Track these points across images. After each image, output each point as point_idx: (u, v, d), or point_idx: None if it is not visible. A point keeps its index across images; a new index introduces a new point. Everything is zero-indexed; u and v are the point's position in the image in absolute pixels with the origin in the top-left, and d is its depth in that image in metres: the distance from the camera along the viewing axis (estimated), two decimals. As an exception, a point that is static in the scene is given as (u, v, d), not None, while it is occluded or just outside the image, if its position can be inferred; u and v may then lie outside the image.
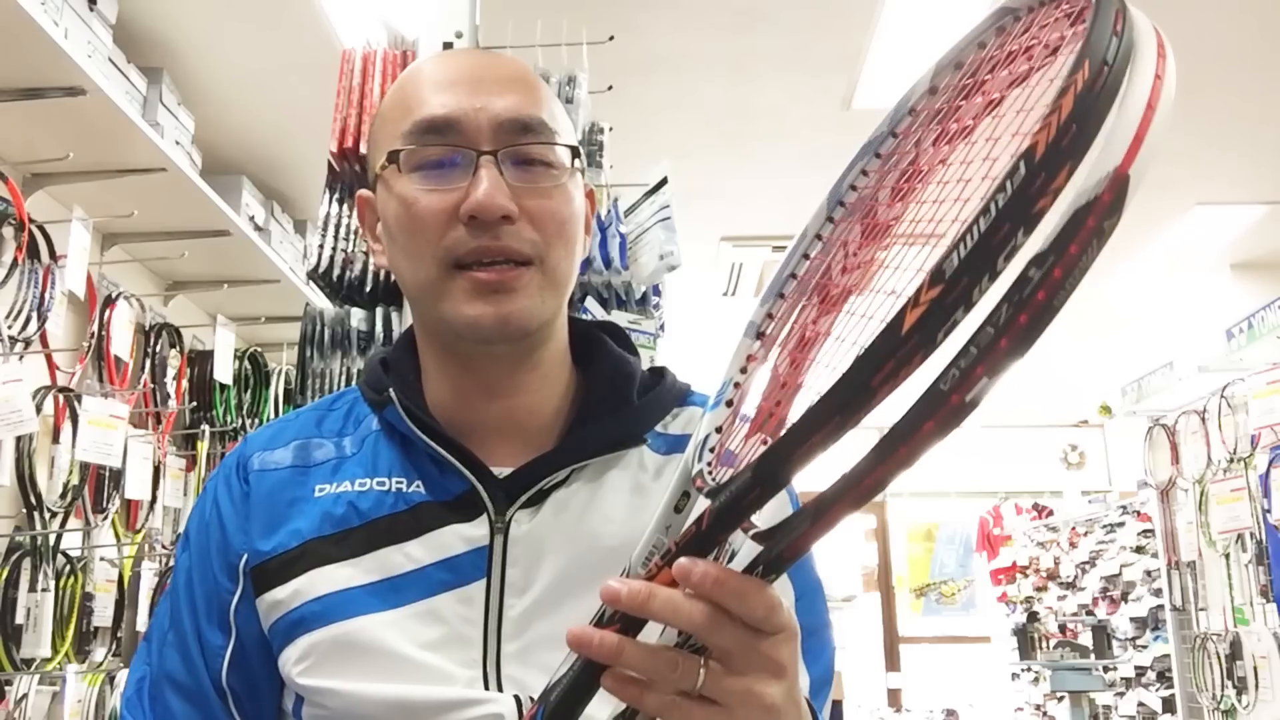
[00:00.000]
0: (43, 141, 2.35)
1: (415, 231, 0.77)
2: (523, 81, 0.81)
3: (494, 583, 0.78)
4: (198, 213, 2.80)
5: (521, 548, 0.79)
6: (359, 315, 1.98)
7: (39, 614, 2.33)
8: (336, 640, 0.76)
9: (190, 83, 2.92)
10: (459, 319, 0.77)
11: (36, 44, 2.01)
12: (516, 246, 0.77)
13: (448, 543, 0.78)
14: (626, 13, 2.96)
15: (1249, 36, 3.12)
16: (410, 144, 0.78)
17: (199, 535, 0.84)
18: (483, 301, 0.77)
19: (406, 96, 0.81)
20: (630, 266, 2.09)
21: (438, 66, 0.82)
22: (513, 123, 0.78)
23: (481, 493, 0.79)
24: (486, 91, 0.78)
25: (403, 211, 0.78)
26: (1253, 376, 3.63)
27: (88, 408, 2.47)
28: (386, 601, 0.77)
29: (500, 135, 0.77)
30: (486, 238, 0.76)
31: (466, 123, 0.77)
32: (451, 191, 0.76)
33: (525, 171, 0.78)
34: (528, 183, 0.78)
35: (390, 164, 0.79)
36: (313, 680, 0.77)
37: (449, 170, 0.77)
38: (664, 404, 0.88)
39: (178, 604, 0.83)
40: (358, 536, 0.79)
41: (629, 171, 2.36)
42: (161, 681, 0.82)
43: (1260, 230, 4.55)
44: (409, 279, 0.80)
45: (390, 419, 0.83)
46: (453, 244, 0.76)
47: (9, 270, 2.24)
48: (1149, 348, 5.77)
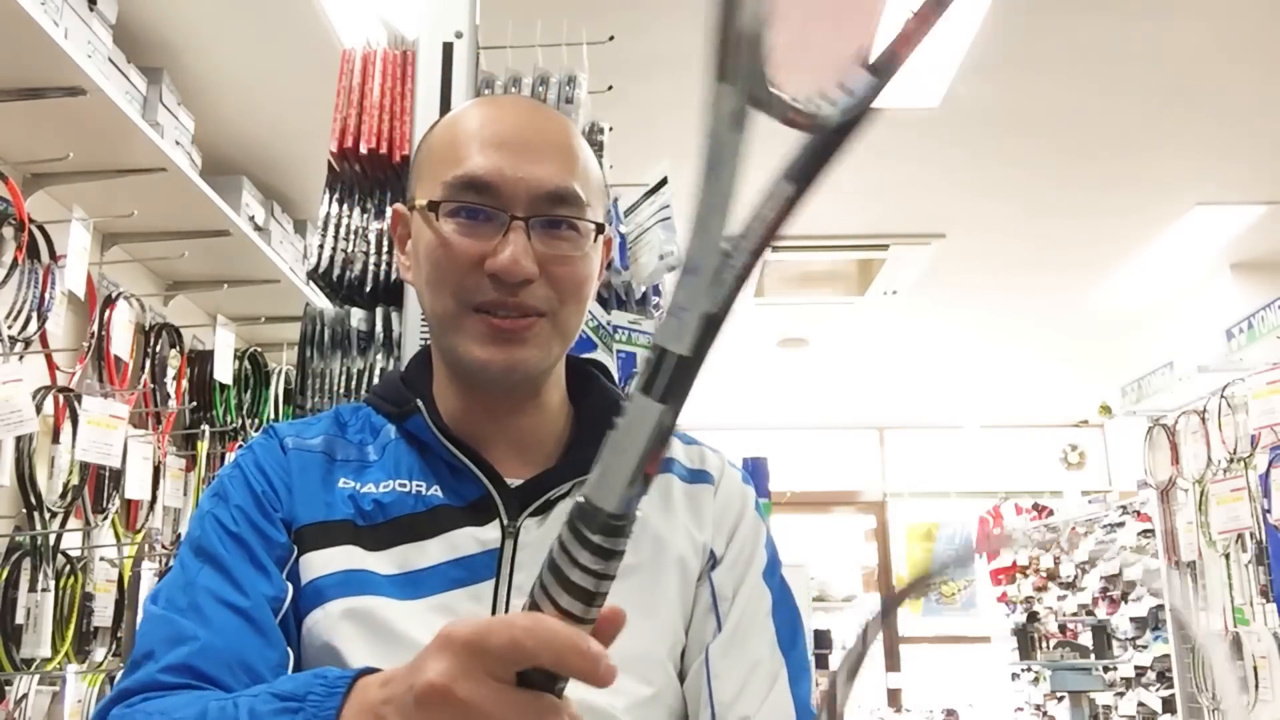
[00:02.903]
0: (43, 141, 2.35)
1: (443, 269, 0.84)
2: (565, 150, 0.87)
3: (502, 583, 0.83)
4: (198, 213, 2.80)
5: (529, 552, 0.83)
6: (359, 315, 1.97)
7: (39, 614, 2.33)
8: (355, 611, 0.79)
9: (190, 83, 2.92)
10: (469, 358, 0.84)
11: (36, 44, 2.01)
12: (533, 303, 0.83)
13: (462, 543, 0.84)
14: (626, 13, 2.96)
15: (1248, 37, 3.11)
16: (450, 196, 0.84)
17: (241, 488, 0.85)
18: (494, 346, 0.84)
19: (456, 144, 0.86)
20: (630, 266, 2.09)
21: (489, 120, 0.88)
22: (548, 194, 0.84)
23: (496, 499, 0.85)
24: (529, 159, 0.84)
25: (434, 249, 0.84)
26: (1253, 376, 3.63)
27: (88, 408, 2.47)
28: (405, 593, 0.81)
29: (534, 204, 0.83)
30: (505, 292, 0.82)
31: (505, 188, 0.83)
32: (481, 244, 0.83)
33: (552, 237, 0.84)
34: (553, 249, 0.84)
35: (431, 211, 0.85)
36: (331, 640, 0.79)
37: (483, 224, 0.83)
38: None
39: (212, 546, 0.81)
40: (381, 531, 0.84)
41: (629, 171, 2.36)
42: (204, 595, 0.78)
43: (1260, 230, 4.55)
44: (429, 306, 0.87)
45: (412, 428, 0.89)
46: (474, 289, 0.83)
47: (9, 270, 2.23)
48: (1149, 348, 5.77)
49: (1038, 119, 3.61)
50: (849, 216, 4.48)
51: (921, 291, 5.28)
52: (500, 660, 0.50)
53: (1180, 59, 3.21)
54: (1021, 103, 3.49)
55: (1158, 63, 3.23)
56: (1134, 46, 3.15)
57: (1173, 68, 3.25)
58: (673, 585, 0.87)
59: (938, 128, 3.62)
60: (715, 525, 0.91)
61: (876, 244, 4.75)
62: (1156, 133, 3.68)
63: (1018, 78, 3.33)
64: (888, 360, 6.50)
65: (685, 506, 0.91)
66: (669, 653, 0.85)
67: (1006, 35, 3.06)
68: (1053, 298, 5.44)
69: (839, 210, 4.40)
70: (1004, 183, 4.14)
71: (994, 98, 3.44)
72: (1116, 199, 4.25)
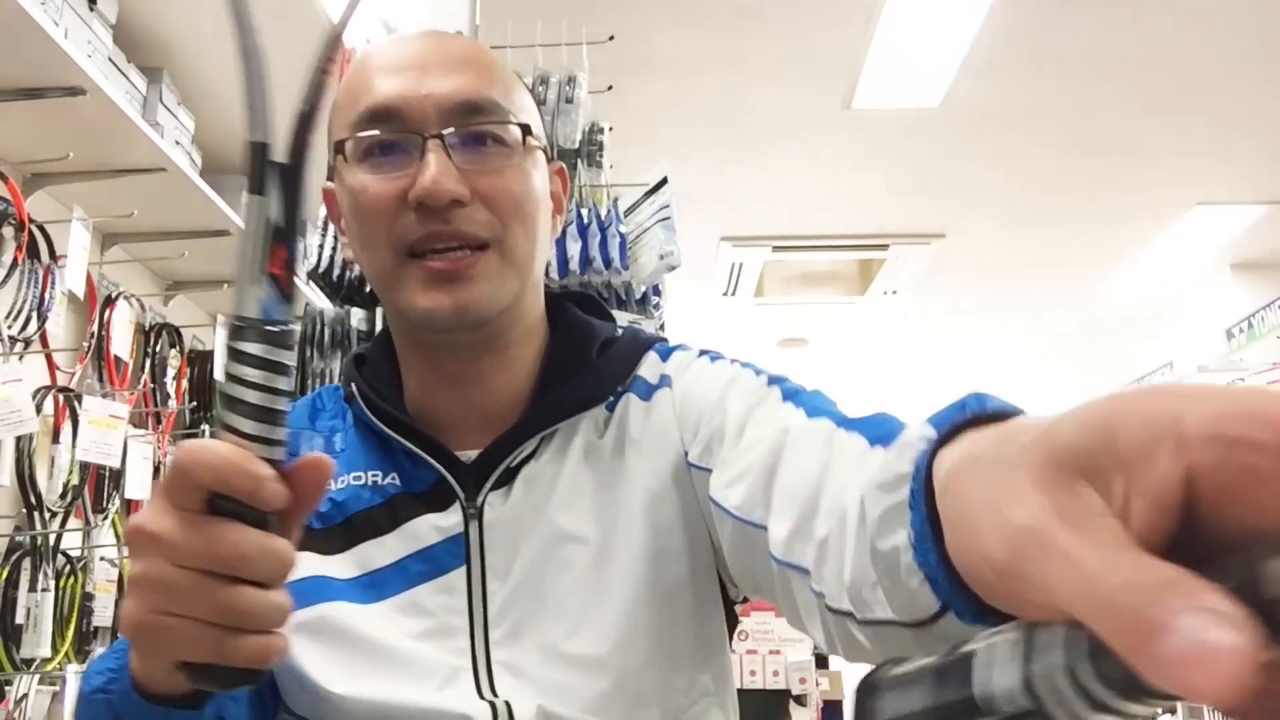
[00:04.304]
0: (43, 141, 2.35)
1: (366, 220, 0.75)
2: (473, 61, 0.79)
3: (474, 569, 0.77)
4: (198, 213, 2.80)
5: (498, 531, 0.77)
6: (359, 315, 1.98)
7: (39, 614, 2.33)
8: (311, 624, 0.75)
9: (190, 83, 2.92)
10: (414, 309, 0.75)
11: (36, 44, 2.01)
12: (470, 230, 0.74)
13: (422, 534, 0.78)
14: (626, 13, 2.96)
15: (1248, 37, 3.11)
16: (356, 133, 0.76)
17: None
18: (438, 291, 0.74)
19: (354, 85, 0.78)
20: (630, 266, 2.09)
21: (385, 52, 0.79)
22: (460, 104, 0.75)
23: (450, 480, 0.78)
24: (433, 74, 0.76)
25: (353, 201, 0.76)
26: (1253, 376, 3.63)
27: (88, 408, 2.46)
28: (367, 595, 0.76)
29: (447, 118, 0.75)
30: (437, 223, 0.73)
31: (411, 108, 0.74)
32: (399, 178, 0.74)
33: (476, 152, 0.75)
34: (479, 163, 0.75)
35: (339, 154, 0.77)
36: (292, 656, 0.74)
37: (397, 156, 0.75)
38: (626, 357, 0.84)
39: None
40: (337, 532, 0.79)
41: (629, 171, 2.36)
42: None
43: (1260, 230, 4.55)
44: (367, 268, 0.79)
45: (358, 412, 0.83)
46: (404, 231, 0.74)
47: (9, 270, 2.23)
48: (1149, 348, 5.77)
49: (1038, 119, 3.61)
50: (849, 216, 4.48)
51: (921, 291, 5.28)
52: (176, 489, 0.49)
53: (1181, 59, 3.21)
54: (1021, 103, 3.49)
55: (1158, 63, 3.23)
56: (1134, 47, 3.15)
57: (1173, 68, 3.25)
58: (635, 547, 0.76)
59: (938, 128, 3.62)
60: (680, 423, 0.80)
61: (876, 244, 4.76)
62: (1156, 133, 3.69)
63: (1018, 78, 3.33)
64: (888, 360, 6.50)
65: (645, 430, 0.80)
66: (628, 636, 0.75)
67: (1006, 35, 3.06)
68: (1053, 297, 5.44)
69: (839, 210, 4.41)
70: (1004, 183, 4.15)
71: (994, 98, 3.44)
72: (1117, 199, 4.25)
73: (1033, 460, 0.30)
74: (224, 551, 0.48)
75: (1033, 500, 0.29)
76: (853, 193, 4.15)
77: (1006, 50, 3.14)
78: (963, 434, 0.42)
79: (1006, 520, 0.30)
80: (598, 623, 0.75)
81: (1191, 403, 0.26)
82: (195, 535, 0.48)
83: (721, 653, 0.82)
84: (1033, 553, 0.28)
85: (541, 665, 0.74)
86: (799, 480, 0.62)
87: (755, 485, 0.67)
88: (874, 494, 0.47)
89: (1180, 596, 0.24)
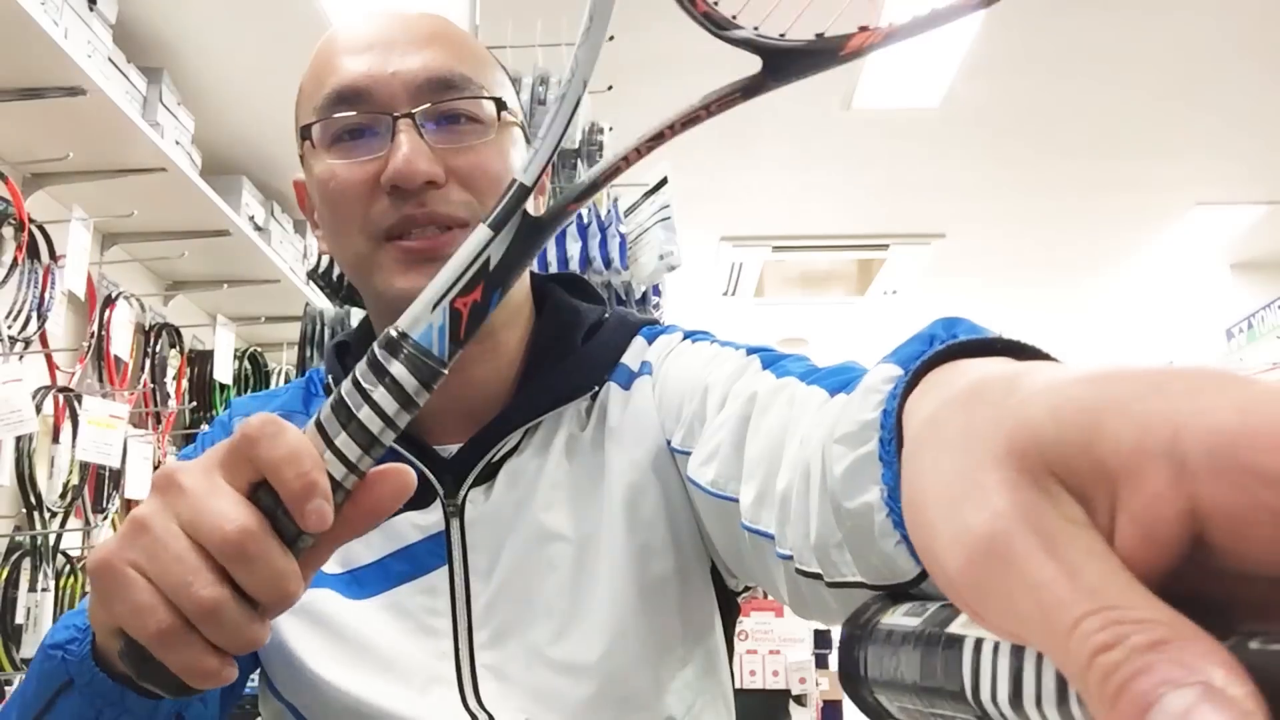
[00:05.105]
0: (43, 141, 2.35)
1: (338, 207, 0.72)
2: (441, 36, 0.75)
3: (457, 570, 0.74)
4: (198, 213, 2.80)
5: (480, 530, 0.75)
6: (359, 315, 1.98)
7: (39, 614, 2.33)
8: (303, 606, 0.73)
9: (190, 83, 2.92)
10: (390, 292, 0.72)
11: (36, 44, 2.01)
12: (447, 211, 0.71)
13: (402, 531, 0.75)
14: (626, 13, 2.94)
15: (1248, 37, 3.12)
16: (322, 117, 0.72)
17: None
18: (414, 271, 0.71)
19: (319, 68, 0.75)
20: (630, 266, 2.09)
21: (349, 32, 0.75)
22: (430, 81, 0.71)
23: (430, 476, 0.75)
24: (400, 51, 0.72)
25: (323, 188, 0.73)
26: (1253, 376, 3.63)
27: (88, 408, 2.46)
28: (352, 592, 0.75)
29: (417, 96, 0.71)
30: (411, 206, 0.70)
31: (379, 88, 0.71)
32: (370, 161, 0.71)
33: (449, 130, 0.72)
34: (453, 142, 0.72)
35: (305, 140, 0.74)
36: (282, 637, 0.74)
37: (368, 140, 0.71)
38: (612, 344, 0.81)
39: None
40: None
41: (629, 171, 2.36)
42: None
43: (1260, 230, 4.55)
44: (341, 257, 0.76)
45: None
46: (378, 216, 0.71)
47: (9, 270, 2.23)
48: (1149, 348, 5.77)
49: (1037, 119, 3.61)
50: (849, 216, 4.49)
51: (921, 291, 5.28)
52: (232, 456, 0.44)
53: (1180, 59, 3.21)
54: (1021, 103, 3.49)
55: (1158, 63, 3.23)
56: (1134, 47, 3.15)
57: (1173, 68, 3.25)
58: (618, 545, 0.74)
59: (937, 128, 3.62)
60: (661, 409, 0.76)
61: (876, 244, 4.76)
62: (1156, 133, 3.69)
63: (1017, 78, 3.33)
64: (888, 360, 6.51)
65: (623, 420, 0.77)
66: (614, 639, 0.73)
67: (1006, 35, 3.06)
68: (1052, 297, 5.44)
69: (839, 210, 4.41)
70: (1004, 183, 4.15)
71: (994, 98, 3.44)
72: (1117, 199, 4.26)
73: (995, 448, 0.24)
74: (232, 535, 0.43)
75: (995, 500, 0.24)
76: (852, 193, 4.15)
77: (1006, 51, 3.14)
78: (933, 370, 0.37)
79: (963, 523, 0.24)
80: (583, 626, 0.73)
81: (1193, 406, 0.21)
82: (215, 503, 0.43)
83: (712, 647, 0.79)
84: (993, 568, 0.23)
85: (527, 670, 0.73)
86: (764, 444, 0.59)
87: (727, 457, 0.65)
88: (836, 447, 0.43)
89: (1175, 663, 0.19)
